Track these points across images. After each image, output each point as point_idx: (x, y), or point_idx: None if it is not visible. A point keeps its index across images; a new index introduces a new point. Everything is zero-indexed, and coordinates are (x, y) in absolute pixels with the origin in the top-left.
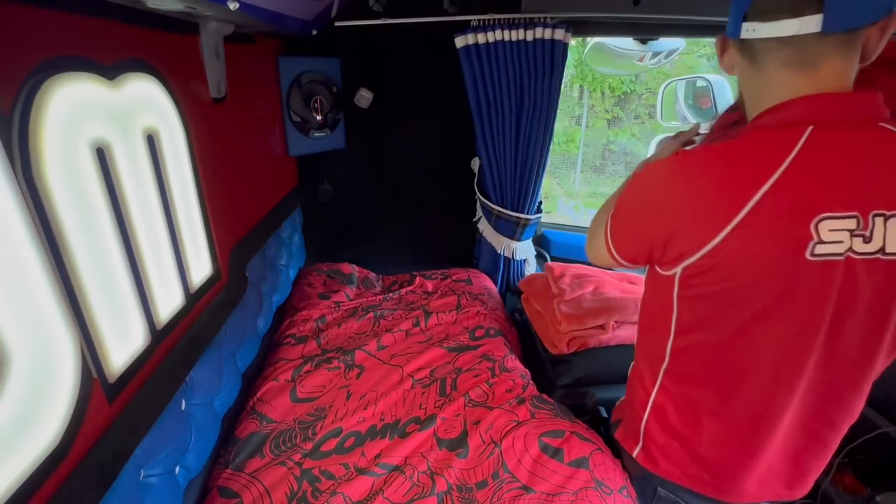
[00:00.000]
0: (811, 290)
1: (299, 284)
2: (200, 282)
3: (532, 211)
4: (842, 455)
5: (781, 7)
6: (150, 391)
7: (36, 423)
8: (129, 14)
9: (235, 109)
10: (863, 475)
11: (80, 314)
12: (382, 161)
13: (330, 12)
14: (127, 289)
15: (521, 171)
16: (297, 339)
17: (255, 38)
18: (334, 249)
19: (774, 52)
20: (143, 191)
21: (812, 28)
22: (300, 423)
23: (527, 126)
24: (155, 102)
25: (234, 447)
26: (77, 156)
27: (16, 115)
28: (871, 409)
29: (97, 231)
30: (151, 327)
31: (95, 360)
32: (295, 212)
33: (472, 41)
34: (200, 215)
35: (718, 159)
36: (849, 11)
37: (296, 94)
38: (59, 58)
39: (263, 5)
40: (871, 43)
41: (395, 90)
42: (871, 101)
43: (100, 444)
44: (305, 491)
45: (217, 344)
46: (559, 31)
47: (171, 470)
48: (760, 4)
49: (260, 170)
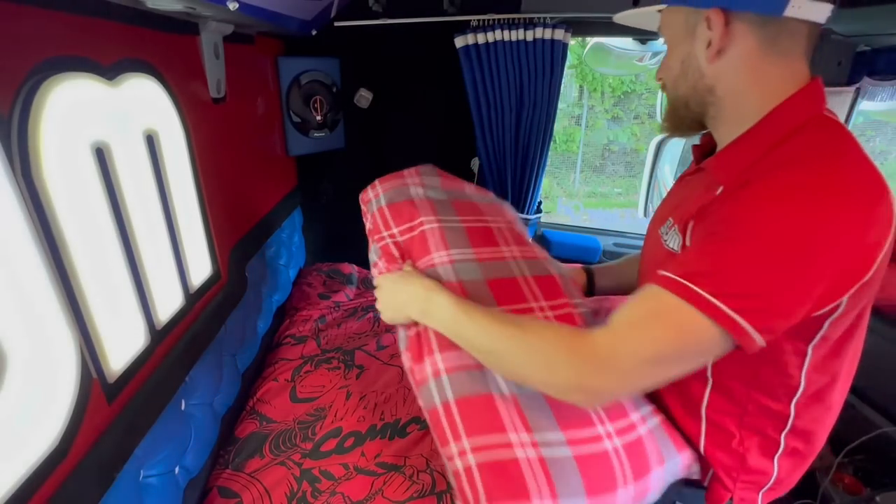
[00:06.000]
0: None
1: (299, 284)
2: (200, 282)
3: (532, 211)
4: (842, 455)
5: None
6: (149, 391)
7: (35, 424)
8: (129, 14)
9: (235, 109)
10: (863, 475)
11: (80, 314)
12: (382, 161)
13: (330, 12)
14: (127, 289)
15: (521, 171)
16: (297, 339)
17: (255, 39)
18: (334, 249)
19: (803, 39)
20: (143, 191)
21: (829, 14)
22: (300, 423)
23: (527, 126)
24: (154, 102)
25: (234, 447)
26: (77, 156)
27: (15, 115)
28: (871, 409)
29: (97, 231)
30: (151, 327)
31: (95, 360)
32: (295, 212)
33: (471, 41)
34: (200, 215)
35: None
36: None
37: (295, 94)
38: (58, 58)
39: (263, 5)
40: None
41: (394, 90)
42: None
43: (99, 445)
44: (305, 491)
45: (217, 344)
46: (559, 31)
47: (170, 470)
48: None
49: (260, 170)
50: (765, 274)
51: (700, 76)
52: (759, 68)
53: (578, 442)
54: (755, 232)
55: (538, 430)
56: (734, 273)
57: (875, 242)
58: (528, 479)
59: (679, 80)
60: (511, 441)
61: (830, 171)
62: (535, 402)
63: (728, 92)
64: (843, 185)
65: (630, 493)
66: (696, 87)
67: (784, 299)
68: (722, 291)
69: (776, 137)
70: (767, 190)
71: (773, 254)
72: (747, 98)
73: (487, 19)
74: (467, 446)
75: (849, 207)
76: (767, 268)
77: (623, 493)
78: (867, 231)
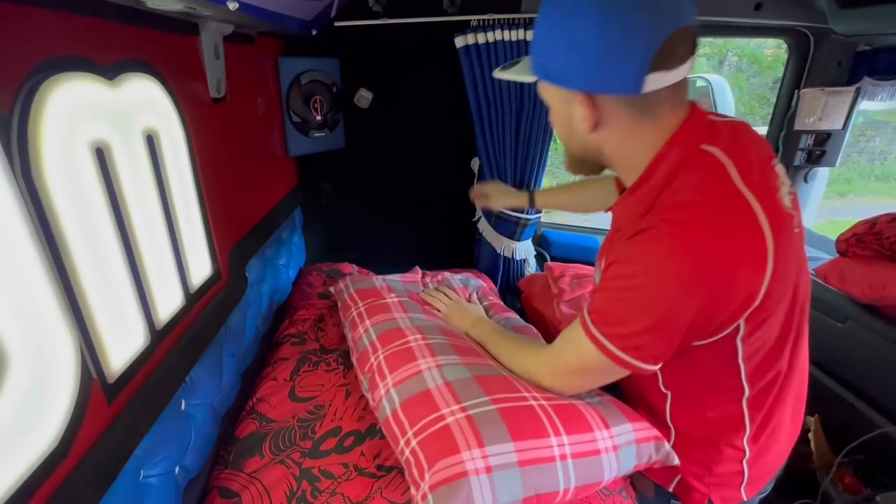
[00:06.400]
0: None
1: (299, 284)
2: (200, 282)
3: (532, 211)
4: (842, 455)
5: (685, 53)
6: (149, 391)
7: (35, 424)
8: (129, 14)
9: (235, 109)
10: (863, 475)
11: (80, 315)
12: (382, 161)
13: (330, 12)
14: (126, 289)
15: (521, 171)
16: (297, 338)
17: (255, 39)
18: (334, 249)
19: (670, 94)
20: (143, 191)
21: (690, 69)
22: (299, 421)
23: (527, 126)
24: (155, 102)
25: (234, 447)
26: (77, 156)
27: (15, 115)
28: (871, 409)
29: (97, 231)
30: (151, 327)
31: (95, 360)
32: (295, 212)
33: (471, 41)
34: (200, 215)
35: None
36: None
37: (295, 94)
38: (58, 58)
39: (263, 5)
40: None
41: (394, 90)
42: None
43: (99, 445)
44: (305, 490)
45: (217, 344)
46: None
47: (170, 470)
48: (669, 53)
49: (260, 170)
50: (642, 318)
51: (585, 140)
52: (635, 131)
53: (503, 401)
54: (635, 281)
55: (467, 400)
56: (619, 316)
57: (753, 271)
58: (458, 435)
59: (569, 140)
60: (443, 414)
61: (699, 219)
62: (467, 383)
63: (614, 152)
64: (710, 232)
65: (568, 442)
66: (585, 147)
67: (657, 338)
68: (612, 332)
69: (660, 184)
70: (646, 242)
71: (647, 300)
72: (631, 154)
73: (487, 19)
74: (411, 434)
75: (716, 251)
76: (644, 312)
77: (558, 440)
78: (738, 266)
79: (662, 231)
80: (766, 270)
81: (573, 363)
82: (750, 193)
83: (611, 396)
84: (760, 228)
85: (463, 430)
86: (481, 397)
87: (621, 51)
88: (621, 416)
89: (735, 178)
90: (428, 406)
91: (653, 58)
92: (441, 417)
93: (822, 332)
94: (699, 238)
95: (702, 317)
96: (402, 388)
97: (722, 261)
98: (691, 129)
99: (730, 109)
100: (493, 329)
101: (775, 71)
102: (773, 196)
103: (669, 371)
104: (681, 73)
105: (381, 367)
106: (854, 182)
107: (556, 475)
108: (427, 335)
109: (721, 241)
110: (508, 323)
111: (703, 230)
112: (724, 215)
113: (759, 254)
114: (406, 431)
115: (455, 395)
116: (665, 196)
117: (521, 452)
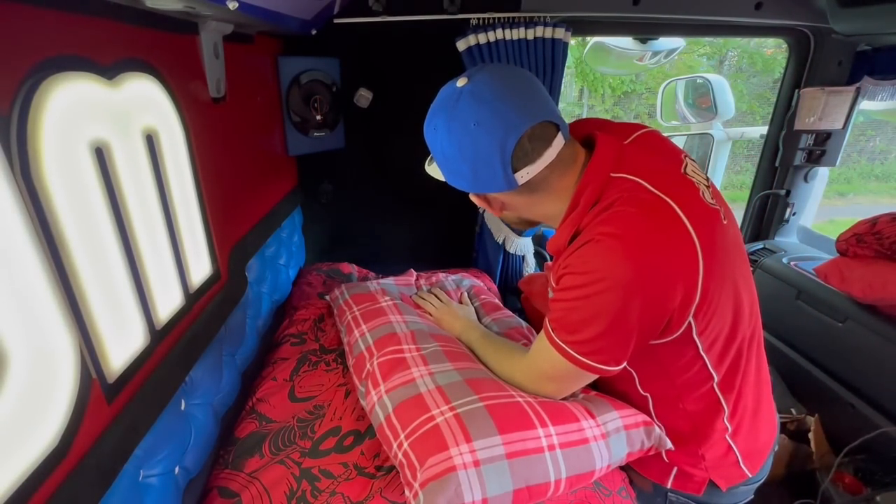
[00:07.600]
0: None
1: (299, 284)
2: (200, 282)
3: None
4: (842, 455)
5: (541, 146)
6: (149, 391)
7: (35, 424)
8: (129, 14)
9: (235, 109)
10: (863, 475)
11: (80, 314)
12: (382, 161)
13: (329, 12)
14: (126, 289)
15: None
16: (297, 338)
17: (255, 38)
18: (334, 249)
19: (552, 172)
20: (143, 191)
21: (563, 138)
22: (299, 421)
23: None
24: (154, 102)
25: (234, 447)
26: (76, 156)
27: (14, 114)
28: (872, 409)
29: (96, 231)
30: (151, 327)
31: (94, 360)
32: (295, 212)
33: (472, 42)
34: (200, 215)
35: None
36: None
37: (295, 93)
38: (57, 57)
39: (263, 5)
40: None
41: (394, 90)
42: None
43: (99, 445)
44: (305, 490)
45: (217, 344)
46: (559, 30)
47: (170, 470)
48: (522, 154)
49: (259, 169)
50: (595, 323)
51: (503, 216)
52: (538, 202)
53: (490, 398)
54: (585, 290)
55: (455, 400)
56: (576, 324)
57: (686, 266)
58: (446, 433)
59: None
60: (433, 414)
61: (631, 226)
62: (457, 386)
63: (531, 216)
64: (642, 236)
65: (555, 433)
66: (509, 219)
67: (612, 341)
68: (571, 339)
69: (583, 209)
70: (592, 254)
71: (597, 306)
72: (547, 211)
73: (488, 18)
74: (403, 437)
75: (651, 253)
76: (595, 318)
77: (545, 431)
78: (671, 264)
79: (602, 243)
80: (698, 264)
81: (547, 370)
82: (668, 198)
83: (597, 392)
84: (685, 227)
85: (451, 427)
86: (470, 396)
87: (483, 162)
88: (607, 406)
89: (651, 189)
90: (419, 408)
91: (510, 162)
92: (431, 418)
93: (822, 332)
94: (633, 244)
95: (649, 315)
96: (394, 393)
97: (657, 262)
98: (597, 168)
99: (730, 109)
100: (480, 337)
101: (773, 72)
102: (691, 196)
103: (643, 375)
104: (546, 158)
105: (375, 374)
106: (854, 182)
107: (546, 466)
108: (420, 344)
109: (653, 242)
110: (499, 324)
111: (635, 236)
112: (651, 219)
113: (688, 250)
114: (398, 435)
115: (445, 396)
116: (591, 216)
117: (508, 445)
